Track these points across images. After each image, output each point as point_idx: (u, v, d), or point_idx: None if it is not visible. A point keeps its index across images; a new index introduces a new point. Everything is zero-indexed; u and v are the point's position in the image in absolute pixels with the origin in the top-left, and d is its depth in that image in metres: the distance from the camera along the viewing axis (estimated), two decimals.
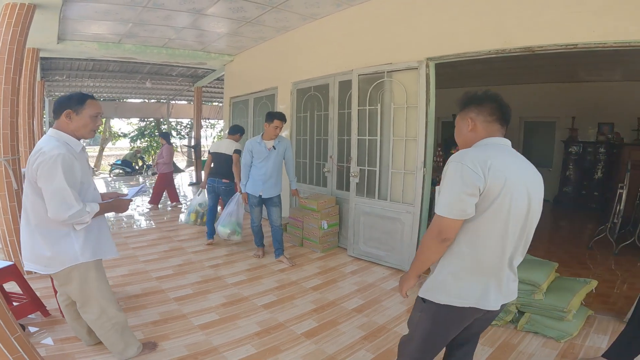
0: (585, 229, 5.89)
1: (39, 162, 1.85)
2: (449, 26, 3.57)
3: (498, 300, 1.48)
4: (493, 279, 1.46)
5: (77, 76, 8.85)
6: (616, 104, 6.93)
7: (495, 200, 1.37)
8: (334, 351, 2.47)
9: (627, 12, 2.61)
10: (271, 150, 3.97)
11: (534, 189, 1.47)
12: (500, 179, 1.36)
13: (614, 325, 2.74)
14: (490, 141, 1.52)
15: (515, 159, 1.48)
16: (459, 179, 1.37)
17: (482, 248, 1.43)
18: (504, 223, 1.40)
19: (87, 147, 15.70)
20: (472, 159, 1.39)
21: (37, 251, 1.97)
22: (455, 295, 1.46)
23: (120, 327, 2.23)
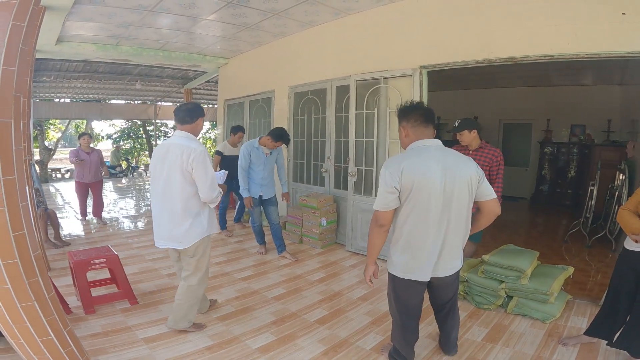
0: (561, 224, 6.34)
1: (193, 157, 2.40)
2: (441, 37, 3.88)
3: (435, 273, 1.98)
4: (426, 255, 1.92)
5: (66, 77, 8.76)
6: (587, 107, 7.45)
7: (410, 194, 1.85)
8: (346, 335, 2.71)
9: (598, 27, 3.00)
10: (268, 156, 4.26)
11: (457, 177, 1.88)
12: (410, 177, 1.83)
13: (591, 308, 3.07)
14: (417, 144, 1.97)
15: (435, 157, 1.90)
16: (383, 181, 1.88)
17: (409, 230, 1.91)
18: (422, 209, 1.87)
19: (65, 149, 15.34)
20: (391, 164, 1.90)
21: (176, 230, 2.48)
22: (400, 270, 2.00)
23: (196, 302, 2.66)
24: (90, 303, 2.93)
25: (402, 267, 1.98)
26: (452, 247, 1.98)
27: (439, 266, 1.98)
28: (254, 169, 4.20)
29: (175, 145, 2.48)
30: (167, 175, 2.47)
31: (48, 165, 13.88)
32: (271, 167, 4.33)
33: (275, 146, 4.16)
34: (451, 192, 1.88)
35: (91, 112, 13.59)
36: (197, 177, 2.43)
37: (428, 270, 1.96)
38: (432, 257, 1.94)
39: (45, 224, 4.48)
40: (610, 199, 5.04)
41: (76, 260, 2.95)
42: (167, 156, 2.47)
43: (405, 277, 1.98)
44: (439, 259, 1.96)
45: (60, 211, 6.97)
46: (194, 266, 2.59)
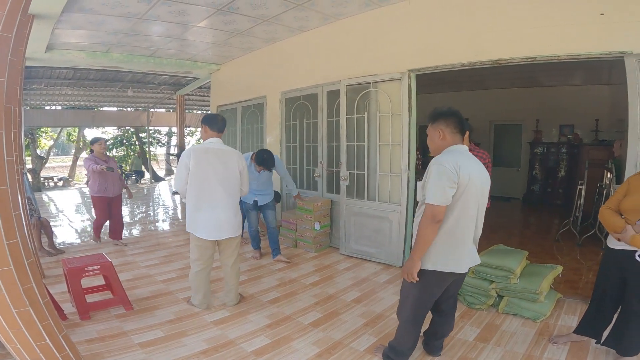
0: (552, 224, 6.43)
1: (243, 160, 3.13)
2: (429, 41, 3.96)
3: (468, 264, 2.11)
4: (465, 248, 2.05)
5: (56, 84, 8.74)
6: (576, 107, 7.58)
7: (465, 190, 1.95)
8: (340, 337, 2.74)
9: (578, 28, 3.10)
10: (260, 173, 4.30)
11: (483, 182, 2.06)
12: (466, 175, 1.94)
13: (581, 307, 3.11)
14: (455, 148, 2.08)
15: (472, 161, 2.06)
16: (443, 176, 1.93)
17: (457, 226, 2.00)
18: (472, 206, 2.00)
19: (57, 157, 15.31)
20: (446, 161, 1.96)
21: (235, 220, 3.07)
22: (442, 264, 2.03)
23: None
24: (86, 309, 2.94)
25: (446, 261, 2.03)
26: (476, 240, 2.14)
27: (473, 256, 2.13)
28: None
29: (225, 150, 3.05)
30: (230, 176, 3.02)
31: (41, 174, 13.78)
32: (265, 178, 4.37)
33: (259, 169, 4.23)
34: (482, 191, 2.05)
35: (83, 119, 13.54)
36: (244, 176, 3.12)
37: (466, 261, 2.09)
38: (470, 249, 2.09)
39: (38, 232, 4.46)
40: (598, 197, 5.13)
41: (70, 267, 2.96)
42: (223, 160, 2.99)
43: (447, 270, 2.04)
44: (470, 252, 2.10)
45: (54, 219, 6.93)
46: (237, 249, 3.21)
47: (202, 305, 3.15)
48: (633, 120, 2.94)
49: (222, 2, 4.08)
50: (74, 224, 6.69)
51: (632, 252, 2.12)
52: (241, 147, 6.90)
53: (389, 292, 3.56)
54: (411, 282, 2.08)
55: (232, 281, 3.21)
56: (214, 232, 2.98)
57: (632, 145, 2.95)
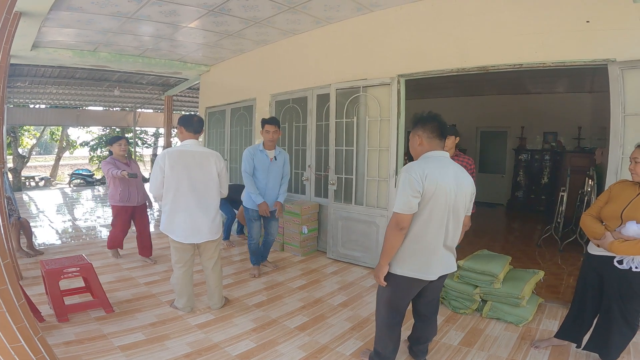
0: (535, 229, 6.54)
1: (222, 162, 3.08)
2: (418, 46, 4.02)
3: (439, 272, 2.09)
4: (434, 256, 2.04)
5: (41, 83, 8.56)
6: (560, 114, 7.77)
7: (431, 199, 1.96)
8: (326, 341, 2.73)
9: (564, 36, 3.18)
10: (273, 162, 3.87)
11: (460, 191, 2.04)
12: (433, 184, 1.94)
13: (562, 311, 3.17)
14: (431, 154, 2.08)
15: (448, 168, 2.04)
16: (407, 185, 1.95)
17: (424, 233, 2.00)
18: (439, 214, 1.99)
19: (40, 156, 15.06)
20: (414, 169, 1.98)
21: (213, 223, 3.01)
22: (409, 269, 2.05)
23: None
24: (64, 311, 2.86)
25: (412, 267, 2.04)
26: (451, 249, 2.13)
27: (446, 264, 2.12)
28: (257, 176, 3.84)
29: (201, 152, 2.99)
30: (207, 178, 2.97)
31: (22, 173, 13.43)
32: (276, 177, 3.92)
33: (269, 137, 3.79)
34: (458, 200, 2.03)
35: (67, 118, 13.29)
36: (223, 178, 3.07)
37: (438, 268, 2.08)
38: (439, 257, 2.07)
39: (17, 233, 4.34)
40: (580, 204, 5.25)
41: (48, 269, 2.88)
42: (198, 162, 2.93)
43: (413, 276, 2.05)
44: (445, 258, 2.10)
45: (34, 220, 6.75)
46: (218, 251, 3.16)
47: (186, 308, 3.10)
48: (614, 128, 3.01)
49: (213, 3, 4.06)
50: (55, 225, 6.53)
51: (610, 258, 2.17)
52: (229, 150, 6.85)
53: (375, 296, 3.55)
54: (382, 287, 2.15)
55: (213, 284, 3.17)
56: (191, 236, 2.94)
57: (613, 153, 3.03)
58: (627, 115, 2.96)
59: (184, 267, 3.02)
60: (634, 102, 2.94)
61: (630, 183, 2.20)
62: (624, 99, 2.97)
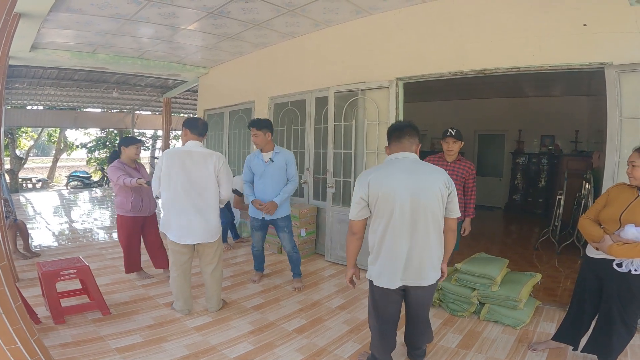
0: (532, 232, 6.56)
1: (222, 162, 2.97)
2: (417, 49, 4.04)
3: (393, 281, 2.01)
4: (390, 262, 1.98)
5: (39, 84, 8.54)
6: (557, 118, 7.79)
7: (376, 204, 1.94)
8: (324, 344, 2.72)
9: (561, 39, 3.20)
10: (268, 164, 3.57)
11: (422, 192, 1.93)
12: (376, 189, 1.93)
13: (559, 314, 3.16)
14: (390, 157, 2.08)
15: (401, 171, 1.97)
16: (355, 192, 2.00)
17: (379, 239, 1.99)
18: (389, 219, 1.94)
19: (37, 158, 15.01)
20: (361, 177, 2.02)
21: (209, 225, 2.95)
22: (374, 277, 2.07)
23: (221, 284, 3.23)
24: (60, 313, 2.84)
25: (375, 274, 2.06)
26: (422, 256, 1.98)
27: (410, 274, 1.99)
28: (255, 182, 3.66)
29: (199, 152, 2.93)
30: (201, 178, 2.90)
31: (19, 175, 13.38)
32: (274, 180, 3.59)
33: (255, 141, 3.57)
34: (418, 201, 1.92)
35: (65, 120, 13.25)
36: (222, 179, 2.96)
37: (396, 278, 2.00)
38: (399, 264, 1.98)
39: (14, 234, 4.32)
40: (577, 207, 5.27)
41: (45, 270, 2.87)
42: (193, 162, 2.89)
43: (377, 284, 2.06)
44: (406, 267, 1.98)
45: (31, 222, 6.72)
46: (218, 256, 3.11)
47: (183, 310, 3.09)
48: (611, 132, 3.03)
49: (213, 5, 4.07)
50: (52, 227, 6.50)
51: (609, 261, 2.18)
52: (227, 153, 6.85)
53: None
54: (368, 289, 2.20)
55: (212, 288, 3.13)
56: (185, 237, 2.92)
57: (609, 156, 3.04)
58: (623, 118, 2.98)
59: (178, 270, 3.02)
60: (631, 106, 2.95)
61: (628, 186, 2.21)
62: (620, 103, 2.98)
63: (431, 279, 2.04)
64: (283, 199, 3.59)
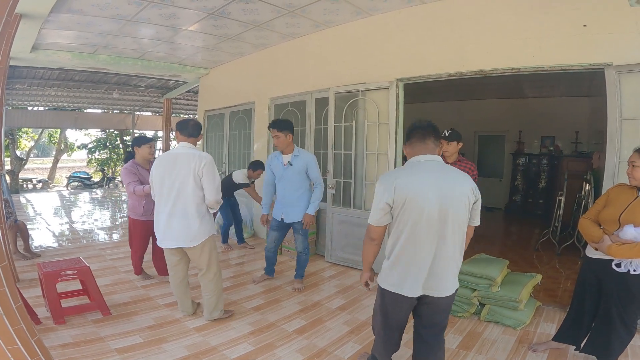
0: (533, 233, 6.55)
1: (204, 163, 2.77)
2: (417, 50, 4.04)
3: (415, 290, 1.85)
4: (412, 270, 1.85)
5: (40, 85, 8.56)
6: (557, 118, 7.80)
7: (402, 209, 1.80)
8: (324, 344, 2.72)
9: (561, 40, 3.20)
10: (287, 167, 3.55)
11: (449, 198, 1.79)
12: (403, 193, 1.79)
13: (560, 314, 3.17)
14: (413, 160, 1.93)
15: (428, 174, 1.83)
16: (376, 196, 1.87)
17: (401, 246, 1.85)
18: (414, 225, 1.79)
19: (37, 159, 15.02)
20: (384, 180, 1.87)
21: (189, 230, 2.79)
22: (390, 284, 1.92)
23: (220, 290, 3.03)
24: (60, 314, 2.84)
25: (393, 281, 1.91)
26: (445, 266, 1.86)
27: (431, 283, 1.86)
28: (276, 183, 3.70)
29: (184, 154, 2.81)
30: (181, 180, 2.77)
31: (19, 175, 13.39)
32: (293, 183, 3.56)
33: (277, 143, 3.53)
34: (446, 209, 1.79)
35: (65, 121, 13.26)
36: (205, 181, 2.79)
37: (418, 286, 1.86)
38: (422, 273, 1.85)
39: (14, 235, 4.32)
40: (577, 208, 5.27)
41: (45, 271, 2.87)
42: (176, 164, 2.79)
43: (395, 291, 1.90)
44: (429, 276, 1.85)
45: (31, 222, 6.72)
46: (207, 262, 2.91)
47: (183, 312, 3.11)
48: (611, 132, 3.03)
49: (213, 6, 4.08)
50: (52, 227, 6.50)
51: (609, 261, 2.18)
52: (228, 153, 6.85)
53: (373, 300, 3.51)
54: (377, 296, 2.07)
55: (204, 295, 2.99)
56: (165, 240, 2.87)
57: (609, 156, 3.04)
58: (623, 119, 2.98)
59: (171, 272, 3.01)
60: (631, 106, 2.96)
61: (627, 187, 2.21)
62: (620, 103, 2.99)
63: (452, 289, 1.92)
64: (315, 207, 3.59)
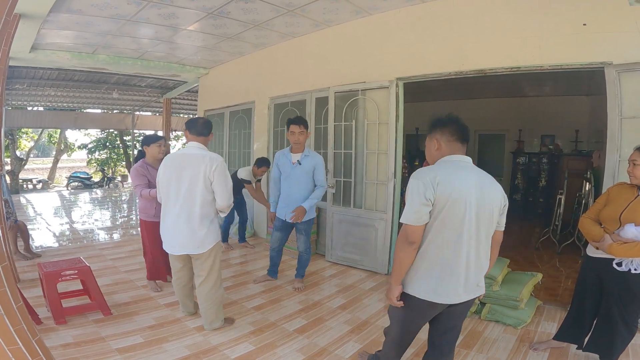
0: (533, 232, 6.55)
1: (215, 166, 2.60)
2: (417, 49, 4.04)
3: (456, 296, 1.76)
4: (451, 276, 1.73)
5: (39, 85, 8.55)
6: (557, 117, 7.78)
7: (444, 208, 1.67)
8: (325, 343, 2.73)
9: (561, 39, 3.20)
10: (295, 166, 3.51)
11: (486, 200, 1.73)
12: (446, 191, 1.66)
13: (561, 313, 3.18)
14: (449, 159, 1.81)
15: (468, 173, 1.76)
16: (416, 192, 1.69)
17: (439, 248, 1.72)
18: (455, 227, 1.69)
19: (37, 159, 15.03)
20: (424, 175, 1.71)
21: (195, 235, 2.64)
22: (423, 290, 1.76)
23: (220, 301, 2.86)
24: (61, 314, 2.84)
25: (426, 288, 1.76)
26: (479, 269, 1.81)
27: (469, 289, 1.79)
28: (282, 182, 3.63)
29: (193, 155, 2.65)
30: (188, 183, 2.61)
31: (19, 176, 13.39)
32: (300, 183, 3.52)
33: (295, 139, 3.50)
34: (483, 211, 1.73)
35: (65, 121, 13.25)
36: (217, 185, 2.63)
37: (456, 292, 1.76)
38: (461, 279, 1.75)
39: (14, 235, 4.32)
40: (577, 207, 5.27)
41: (46, 271, 2.87)
42: (184, 166, 2.63)
43: (428, 299, 1.76)
44: (467, 281, 1.76)
45: (31, 222, 6.72)
46: (208, 270, 2.75)
47: (185, 312, 3.09)
48: (611, 131, 3.03)
49: (212, 6, 4.07)
50: (52, 228, 6.50)
51: (609, 260, 2.18)
52: (228, 153, 6.85)
53: (374, 299, 3.56)
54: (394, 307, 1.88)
55: (202, 305, 2.82)
56: (168, 245, 2.77)
57: (610, 155, 3.04)
58: (623, 118, 2.98)
59: (174, 276, 2.93)
60: (631, 105, 2.96)
61: (628, 185, 2.21)
62: (620, 102, 2.99)
63: (481, 290, 1.87)
64: (312, 205, 3.53)
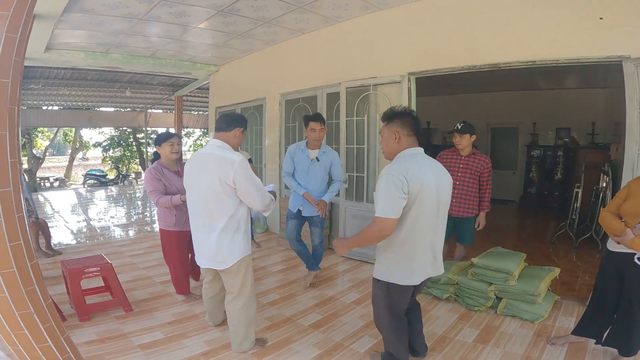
0: (549, 226, 6.47)
1: (234, 170, 2.19)
2: (428, 44, 3.99)
3: (427, 274, 2.06)
4: (421, 259, 1.99)
5: (54, 85, 8.70)
6: (572, 110, 7.63)
7: (416, 199, 1.87)
8: (341, 338, 2.75)
9: (577, 32, 3.13)
10: (313, 162, 3.49)
11: (442, 186, 1.97)
12: (417, 184, 1.86)
13: (578, 308, 3.15)
14: (410, 152, 2.00)
15: (427, 164, 1.97)
16: (392, 186, 1.84)
17: (411, 237, 1.93)
18: (425, 216, 1.92)
19: (53, 157, 15.31)
20: (395, 170, 1.88)
21: (218, 249, 2.30)
22: (401, 277, 2.00)
23: (251, 320, 2.53)
24: (85, 311, 2.93)
25: (404, 274, 1.99)
26: (440, 247, 2.10)
27: (436, 266, 2.08)
28: (296, 178, 3.57)
29: (210, 155, 2.30)
30: (205, 189, 2.27)
31: (37, 174, 13.70)
32: (317, 179, 3.52)
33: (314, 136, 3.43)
34: (442, 196, 1.97)
35: (80, 119, 13.48)
36: (243, 194, 2.27)
37: (427, 273, 2.06)
38: (429, 258, 2.03)
39: (36, 233, 4.44)
40: (595, 200, 5.17)
41: (70, 269, 2.95)
42: (202, 168, 2.30)
43: (409, 283, 2.00)
44: (434, 260, 2.06)
45: (50, 220, 6.89)
46: (238, 287, 2.41)
47: (212, 323, 2.91)
48: (630, 124, 2.96)
49: (222, 3, 4.08)
50: (70, 225, 6.65)
51: (631, 255, 2.15)
52: (239, 149, 6.88)
53: None
54: (378, 291, 2.12)
55: (231, 324, 2.51)
56: (198, 257, 2.48)
57: (629, 148, 2.98)
58: None
59: (205, 285, 2.73)
60: None
61: None
62: (639, 95, 2.92)
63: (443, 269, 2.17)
64: (330, 197, 3.57)
